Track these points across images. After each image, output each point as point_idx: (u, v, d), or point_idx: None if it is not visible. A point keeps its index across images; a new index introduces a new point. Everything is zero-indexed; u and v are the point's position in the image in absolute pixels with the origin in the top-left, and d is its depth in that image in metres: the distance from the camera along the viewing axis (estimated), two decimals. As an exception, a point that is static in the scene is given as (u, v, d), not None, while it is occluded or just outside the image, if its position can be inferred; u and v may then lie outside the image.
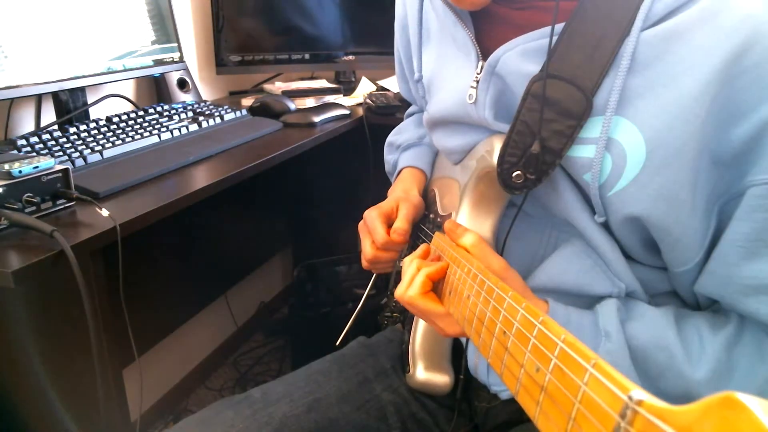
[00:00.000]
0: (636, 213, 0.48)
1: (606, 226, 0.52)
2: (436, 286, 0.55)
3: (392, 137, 0.87)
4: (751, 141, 0.43)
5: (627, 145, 0.47)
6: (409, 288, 0.54)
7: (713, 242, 0.48)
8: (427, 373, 0.64)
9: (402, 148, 0.82)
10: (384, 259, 0.68)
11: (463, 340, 0.66)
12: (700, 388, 0.47)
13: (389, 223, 0.68)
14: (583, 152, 0.49)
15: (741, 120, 0.43)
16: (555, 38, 0.49)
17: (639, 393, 0.21)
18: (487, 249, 0.52)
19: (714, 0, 0.43)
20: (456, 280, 0.50)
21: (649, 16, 0.45)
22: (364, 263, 0.70)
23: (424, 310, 0.53)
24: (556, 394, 0.27)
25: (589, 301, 0.53)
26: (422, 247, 0.60)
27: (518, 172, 0.51)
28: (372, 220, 0.68)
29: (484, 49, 0.55)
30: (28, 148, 0.84)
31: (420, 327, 0.65)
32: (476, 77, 0.55)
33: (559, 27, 0.49)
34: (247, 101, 1.39)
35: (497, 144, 0.54)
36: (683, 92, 0.44)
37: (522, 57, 0.51)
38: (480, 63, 0.55)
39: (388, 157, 0.86)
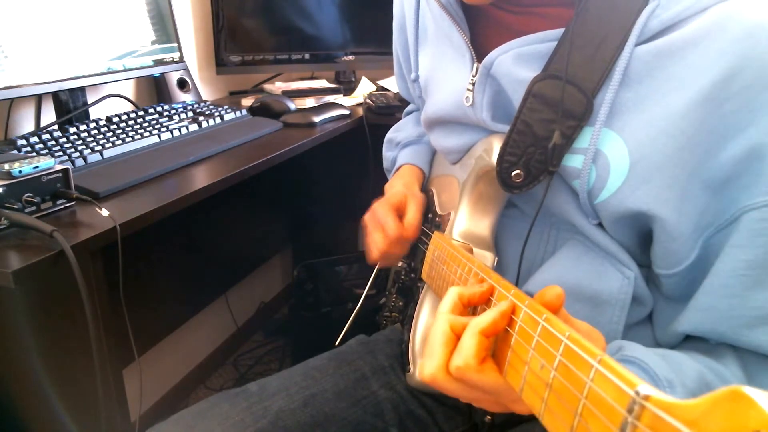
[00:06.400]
0: (622, 219, 0.49)
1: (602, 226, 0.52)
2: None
3: (391, 134, 0.86)
4: (741, 164, 0.43)
5: (612, 157, 0.47)
6: (456, 355, 0.36)
7: (696, 272, 0.47)
8: None
9: (401, 146, 0.82)
10: (395, 252, 0.67)
11: None
12: None
13: (399, 216, 0.67)
14: (571, 162, 0.50)
15: (730, 142, 0.43)
16: (555, 42, 0.49)
17: (646, 388, 0.21)
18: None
19: (708, 21, 0.44)
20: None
21: (644, 31, 0.45)
22: (375, 254, 0.68)
23: (481, 385, 0.36)
24: (561, 391, 0.27)
25: (595, 300, 0.53)
26: (456, 294, 0.41)
27: (517, 171, 0.51)
28: (384, 213, 0.67)
29: (480, 51, 0.56)
30: (28, 148, 0.84)
31: (420, 326, 0.65)
32: (472, 80, 0.55)
33: (558, 32, 0.49)
34: (247, 101, 1.38)
35: (496, 143, 0.54)
36: (670, 108, 0.44)
37: (516, 61, 0.51)
38: (475, 65, 0.55)
39: (387, 153, 0.86)
